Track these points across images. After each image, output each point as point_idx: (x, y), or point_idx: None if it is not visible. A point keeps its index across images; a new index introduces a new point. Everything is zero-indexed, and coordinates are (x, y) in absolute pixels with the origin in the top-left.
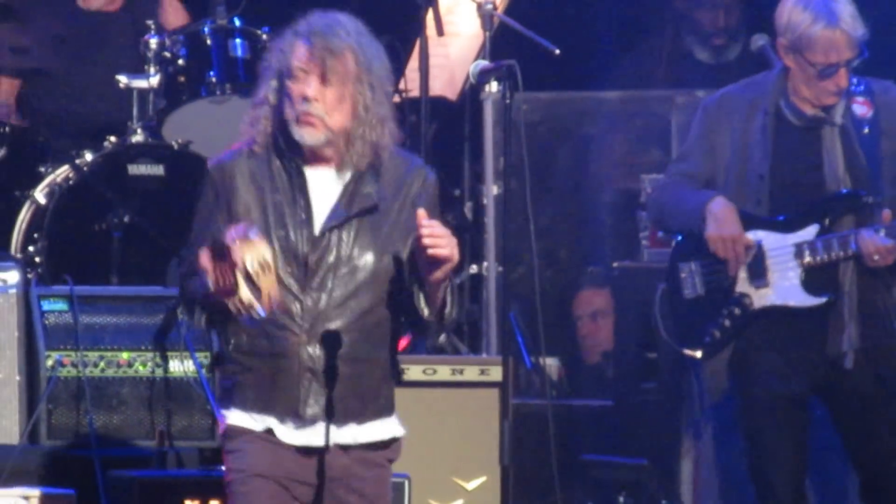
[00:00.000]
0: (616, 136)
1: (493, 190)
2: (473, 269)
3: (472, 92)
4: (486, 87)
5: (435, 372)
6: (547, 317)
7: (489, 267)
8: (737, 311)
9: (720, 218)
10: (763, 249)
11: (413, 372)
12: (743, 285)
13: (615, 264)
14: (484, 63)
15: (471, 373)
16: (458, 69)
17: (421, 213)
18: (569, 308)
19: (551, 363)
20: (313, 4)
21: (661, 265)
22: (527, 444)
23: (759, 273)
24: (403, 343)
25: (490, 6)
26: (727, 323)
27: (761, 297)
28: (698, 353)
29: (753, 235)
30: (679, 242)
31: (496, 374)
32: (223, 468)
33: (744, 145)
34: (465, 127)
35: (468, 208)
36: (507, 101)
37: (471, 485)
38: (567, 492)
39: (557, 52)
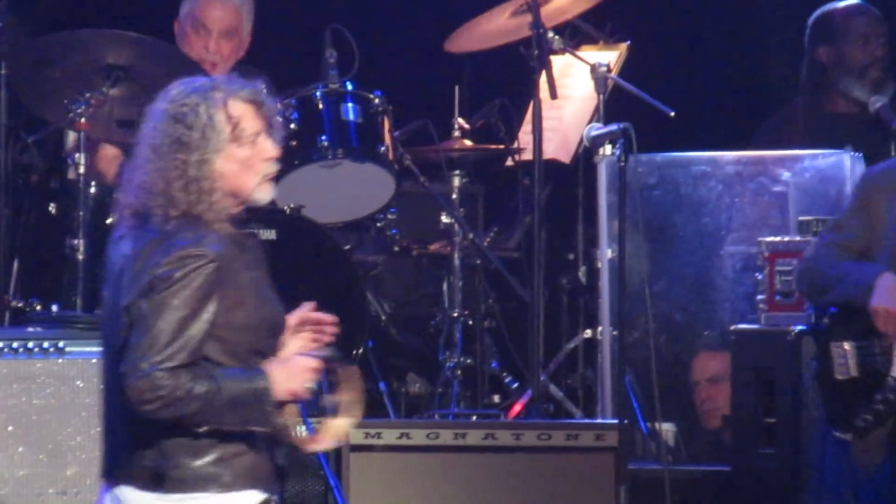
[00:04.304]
0: (732, 198)
1: (607, 254)
2: (588, 333)
3: (586, 155)
4: (601, 150)
5: (550, 437)
6: (662, 381)
7: (604, 331)
8: (891, 396)
9: (890, 291)
10: None
11: (528, 437)
12: None
13: (732, 328)
14: (598, 126)
15: (586, 438)
16: (572, 132)
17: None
18: (685, 372)
19: (667, 428)
20: (417, 70)
21: (778, 329)
22: None
23: None
24: (517, 408)
25: (604, 69)
26: (881, 408)
27: None
28: (849, 436)
29: None
30: (830, 320)
31: (612, 439)
32: None
33: None
34: (578, 190)
35: (582, 272)
36: (622, 163)
37: None
38: None
39: (672, 114)
